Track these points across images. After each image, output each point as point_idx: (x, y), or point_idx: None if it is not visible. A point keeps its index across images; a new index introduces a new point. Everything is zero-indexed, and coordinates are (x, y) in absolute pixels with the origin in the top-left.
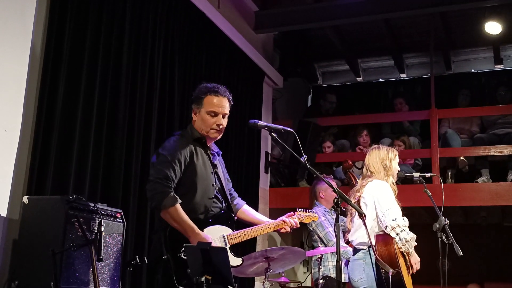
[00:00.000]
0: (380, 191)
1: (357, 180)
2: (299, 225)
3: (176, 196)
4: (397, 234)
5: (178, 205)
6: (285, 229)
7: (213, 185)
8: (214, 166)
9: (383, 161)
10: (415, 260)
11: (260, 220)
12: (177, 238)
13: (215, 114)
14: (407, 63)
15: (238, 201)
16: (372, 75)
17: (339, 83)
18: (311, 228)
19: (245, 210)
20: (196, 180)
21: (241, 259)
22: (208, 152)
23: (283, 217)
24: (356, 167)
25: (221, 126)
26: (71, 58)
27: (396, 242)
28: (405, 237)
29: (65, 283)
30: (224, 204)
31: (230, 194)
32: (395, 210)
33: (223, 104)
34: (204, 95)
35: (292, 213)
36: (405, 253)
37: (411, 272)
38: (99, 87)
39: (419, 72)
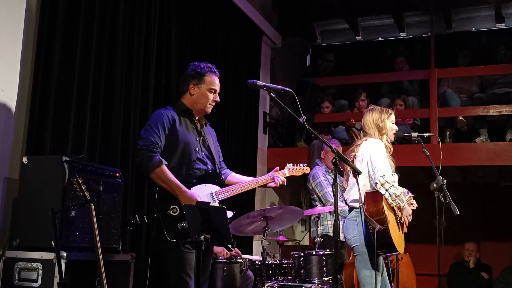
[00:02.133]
0: (372, 148)
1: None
2: (285, 180)
3: (161, 158)
4: (386, 190)
5: (164, 167)
6: (275, 183)
7: (195, 149)
8: (199, 133)
9: (376, 121)
10: (407, 213)
11: (248, 181)
12: (165, 197)
13: (214, 92)
14: (407, 21)
15: (226, 171)
16: (372, 34)
17: (338, 42)
18: (310, 187)
19: (233, 176)
20: (178, 144)
21: (232, 212)
22: (195, 121)
23: (272, 173)
24: (355, 128)
25: (215, 103)
26: (67, 19)
27: (385, 199)
28: (394, 193)
29: (65, 242)
30: (211, 167)
31: (220, 165)
32: (385, 166)
33: (218, 82)
34: (206, 73)
35: (278, 168)
36: (396, 209)
37: (404, 229)
38: (95, 48)
39: (419, 31)
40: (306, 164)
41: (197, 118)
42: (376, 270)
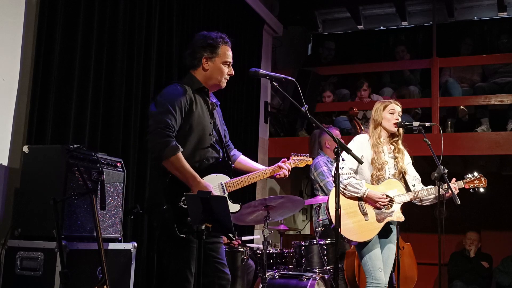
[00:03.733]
0: (349, 144)
1: (362, 128)
2: (289, 169)
3: (178, 145)
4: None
5: (179, 154)
6: (281, 174)
7: (210, 134)
8: (212, 115)
9: (373, 115)
10: (373, 198)
11: (256, 168)
12: (177, 187)
13: (229, 64)
14: (409, 10)
15: (235, 152)
16: (374, 23)
17: (339, 31)
18: (312, 177)
19: (242, 160)
20: (193, 129)
21: (239, 205)
22: (208, 101)
23: (279, 163)
24: (359, 118)
25: (230, 76)
26: (68, 5)
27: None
28: (342, 185)
29: (67, 231)
30: (222, 154)
31: (227, 146)
32: (345, 162)
33: (231, 54)
34: (219, 44)
35: (286, 159)
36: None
37: (376, 216)
38: (96, 35)
39: (421, 19)
40: (308, 155)
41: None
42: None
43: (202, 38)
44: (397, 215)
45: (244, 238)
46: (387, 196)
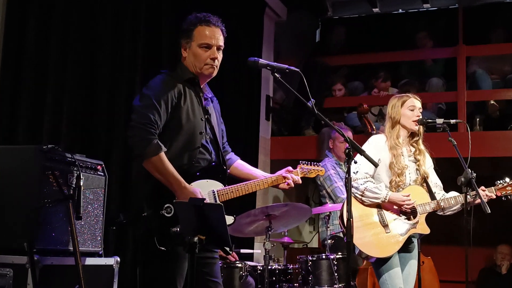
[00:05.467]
0: (363, 146)
1: (374, 127)
2: (300, 181)
3: (161, 144)
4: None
5: (162, 154)
6: (287, 184)
7: (201, 133)
8: (206, 112)
9: (389, 112)
10: (396, 201)
11: (256, 175)
12: (160, 192)
13: (208, 47)
14: None
15: (231, 156)
16: (391, 6)
17: (352, 15)
18: (318, 182)
19: (239, 164)
20: (181, 126)
21: (233, 218)
22: (200, 95)
23: (283, 172)
24: (372, 113)
25: (216, 61)
26: None
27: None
28: (356, 192)
29: (40, 244)
30: (214, 156)
31: (223, 148)
32: (360, 165)
33: (216, 35)
34: (194, 26)
35: (291, 168)
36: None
37: (395, 228)
38: (76, 23)
39: (445, 2)
40: (320, 164)
41: (202, 87)
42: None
43: (184, 23)
44: (421, 227)
45: (241, 251)
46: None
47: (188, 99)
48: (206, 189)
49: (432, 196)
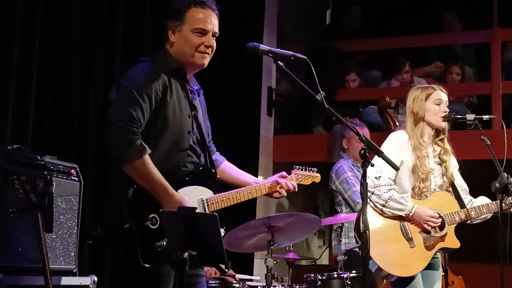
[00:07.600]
0: (383, 145)
1: (397, 123)
2: (297, 189)
3: (145, 145)
4: (370, 200)
5: (146, 157)
6: (279, 193)
7: (189, 132)
8: (193, 107)
9: (411, 106)
10: (422, 217)
11: (245, 181)
12: (144, 201)
13: (203, 33)
14: None
15: (217, 156)
16: None
17: None
18: (333, 187)
19: (226, 167)
20: (167, 124)
21: (223, 230)
22: (187, 87)
23: (276, 177)
24: (391, 109)
25: (210, 49)
26: None
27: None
28: (377, 201)
29: (3, 261)
30: (202, 159)
31: (209, 147)
32: (381, 168)
33: (212, 19)
34: (187, 7)
35: (285, 173)
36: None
37: (425, 242)
38: (42, 5)
39: None
40: (316, 169)
41: (188, 78)
42: None
43: (174, 2)
44: (450, 240)
45: (238, 276)
46: (439, 215)
47: (174, 93)
48: (194, 197)
49: (461, 203)
